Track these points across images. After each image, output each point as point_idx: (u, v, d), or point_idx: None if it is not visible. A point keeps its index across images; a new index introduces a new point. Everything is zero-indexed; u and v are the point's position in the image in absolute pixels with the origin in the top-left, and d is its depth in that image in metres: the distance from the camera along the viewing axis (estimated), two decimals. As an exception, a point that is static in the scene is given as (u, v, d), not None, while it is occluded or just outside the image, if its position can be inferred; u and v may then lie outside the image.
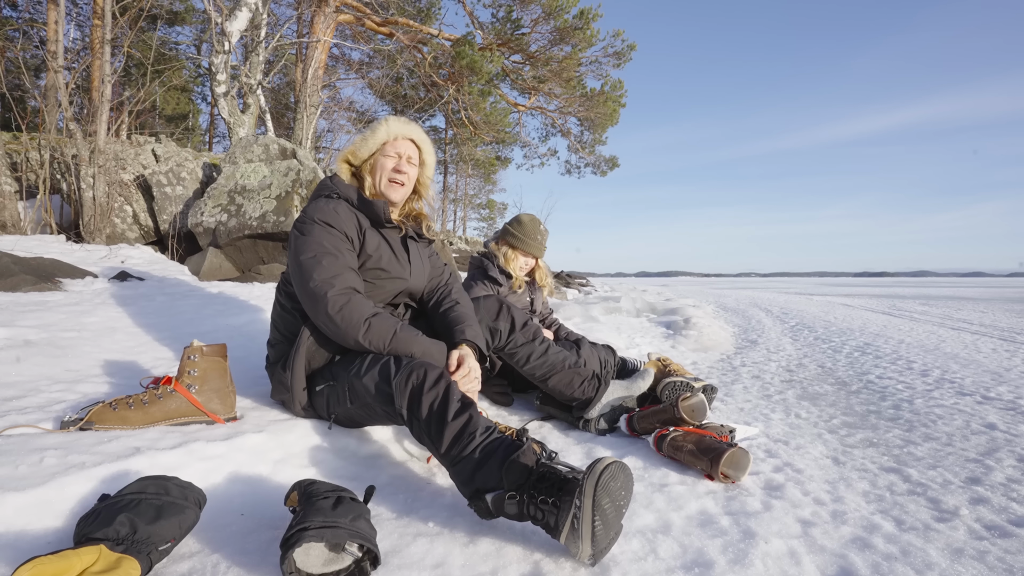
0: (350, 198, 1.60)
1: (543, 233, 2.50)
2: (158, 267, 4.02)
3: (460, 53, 10.77)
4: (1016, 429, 1.95)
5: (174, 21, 15.32)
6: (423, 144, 1.72)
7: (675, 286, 24.13)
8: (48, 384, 1.61)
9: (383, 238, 1.63)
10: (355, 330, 1.41)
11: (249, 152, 5.03)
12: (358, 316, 1.42)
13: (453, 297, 1.77)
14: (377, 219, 1.61)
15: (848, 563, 1.04)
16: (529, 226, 2.47)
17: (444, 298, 1.77)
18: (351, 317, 1.42)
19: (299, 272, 1.48)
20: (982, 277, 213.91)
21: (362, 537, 0.91)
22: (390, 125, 1.66)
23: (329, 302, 1.41)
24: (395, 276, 1.63)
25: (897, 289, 22.42)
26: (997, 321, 6.37)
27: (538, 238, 2.47)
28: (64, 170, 4.71)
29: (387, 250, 1.62)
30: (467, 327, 1.63)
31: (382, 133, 1.65)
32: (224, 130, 14.81)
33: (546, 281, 2.64)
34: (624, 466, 1.02)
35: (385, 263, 1.60)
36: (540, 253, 2.50)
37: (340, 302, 1.42)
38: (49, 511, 0.99)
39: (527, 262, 2.50)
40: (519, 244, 2.46)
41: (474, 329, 1.65)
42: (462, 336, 1.59)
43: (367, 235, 1.58)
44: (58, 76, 4.84)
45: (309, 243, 1.49)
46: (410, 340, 1.45)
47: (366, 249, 1.57)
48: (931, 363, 3.37)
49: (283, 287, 1.64)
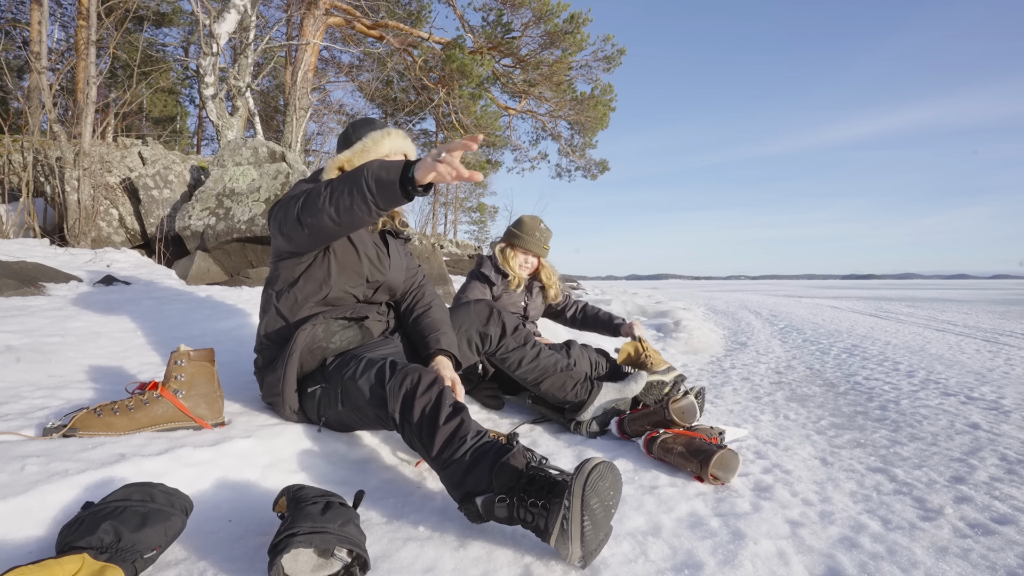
0: None
1: (544, 232, 2.50)
2: (145, 271, 3.97)
3: (450, 56, 10.78)
4: (999, 428, 1.98)
5: (161, 22, 15.17)
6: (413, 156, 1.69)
7: (665, 289, 24.27)
8: (30, 390, 1.58)
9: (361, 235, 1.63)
10: (319, 201, 1.32)
11: (238, 155, 4.99)
12: (317, 192, 1.34)
13: (426, 301, 1.77)
14: None
15: (836, 563, 1.05)
16: (528, 224, 2.49)
17: (417, 302, 1.77)
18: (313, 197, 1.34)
19: (280, 202, 1.47)
20: (966, 279, 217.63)
21: (351, 542, 0.90)
22: (394, 140, 1.62)
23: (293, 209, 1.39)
24: (376, 269, 1.63)
25: (884, 291, 22.75)
26: (980, 322, 6.48)
27: (536, 235, 2.47)
28: (48, 173, 4.64)
29: (369, 238, 1.63)
30: (441, 335, 1.63)
31: (386, 147, 1.61)
32: (212, 133, 14.70)
33: (552, 280, 2.64)
34: (612, 466, 1.03)
35: (364, 257, 1.60)
36: (540, 251, 2.49)
37: (299, 200, 1.38)
38: (30, 520, 0.97)
39: (527, 260, 2.51)
40: (518, 242, 2.48)
41: (448, 336, 1.65)
42: (437, 345, 1.59)
43: None
44: (41, 77, 4.77)
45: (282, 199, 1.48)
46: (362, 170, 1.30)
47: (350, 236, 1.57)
48: (917, 364, 3.42)
49: (269, 290, 1.63)
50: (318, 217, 1.34)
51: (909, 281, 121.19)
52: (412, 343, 1.69)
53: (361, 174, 1.25)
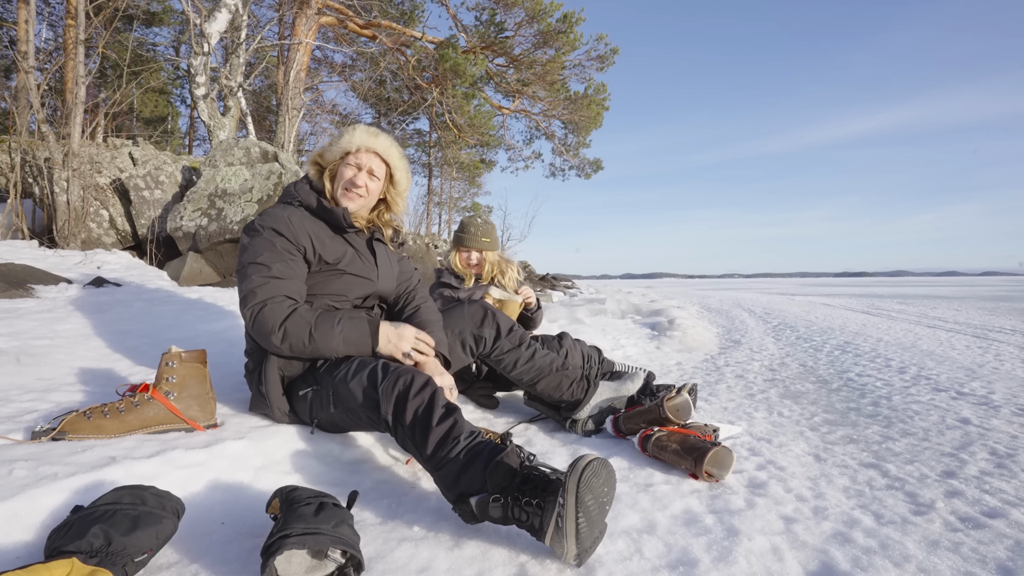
0: (310, 205, 1.58)
1: (480, 226, 2.51)
2: (136, 272, 3.93)
3: (444, 56, 10.75)
4: (988, 423, 2.00)
5: (151, 22, 15.03)
6: (392, 159, 1.66)
7: (660, 287, 24.35)
8: (19, 393, 1.56)
9: (348, 243, 1.62)
10: (271, 337, 1.39)
11: (230, 155, 4.96)
12: (272, 323, 1.39)
13: (416, 303, 1.78)
14: (338, 225, 1.59)
15: (829, 558, 1.05)
16: (465, 222, 2.54)
17: (408, 304, 1.78)
18: (264, 324, 1.40)
19: (238, 280, 1.49)
20: (956, 276, 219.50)
21: (345, 543, 0.90)
22: (355, 135, 1.60)
23: (249, 311, 1.42)
24: (362, 278, 1.62)
25: (876, 289, 22.92)
26: (970, 319, 6.54)
27: (471, 230, 2.49)
28: (36, 173, 4.59)
29: (352, 254, 1.61)
30: (430, 334, 1.63)
31: (345, 142, 1.60)
32: (204, 133, 14.59)
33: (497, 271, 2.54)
34: (606, 463, 1.03)
35: (350, 267, 1.59)
36: (477, 244, 2.49)
37: (254, 311, 1.41)
38: (18, 524, 0.96)
39: (470, 256, 2.52)
40: (457, 242, 2.54)
41: (437, 336, 1.65)
42: None
43: (328, 242, 1.57)
44: (29, 77, 4.71)
45: (248, 252, 1.49)
46: (327, 334, 1.41)
47: (325, 257, 1.55)
48: (908, 360, 3.44)
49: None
50: (270, 349, 1.44)
51: (900, 278, 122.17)
52: None
53: (332, 352, 1.44)
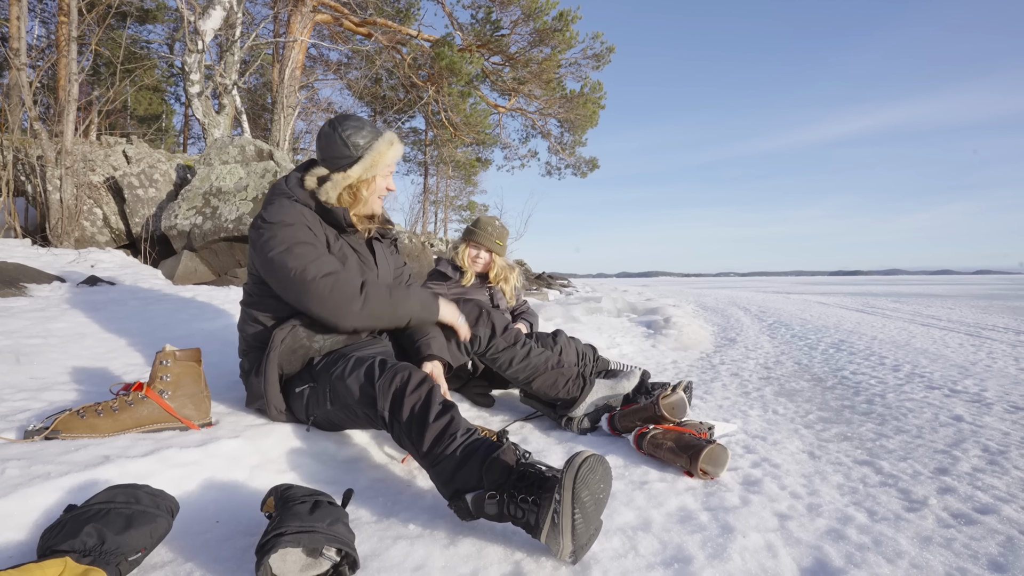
0: (308, 204, 1.57)
1: (497, 229, 2.54)
2: (130, 271, 3.90)
3: (439, 54, 10.73)
4: (981, 421, 2.02)
5: (145, 19, 14.91)
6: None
7: (656, 286, 24.41)
8: (11, 392, 1.55)
9: (347, 243, 1.61)
10: (352, 303, 1.42)
11: (224, 153, 4.93)
12: (351, 289, 1.43)
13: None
14: (338, 224, 1.59)
15: (823, 554, 1.06)
16: (483, 221, 2.56)
17: None
18: (343, 292, 1.42)
19: (274, 269, 1.44)
20: (950, 275, 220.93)
21: (340, 541, 0.90)
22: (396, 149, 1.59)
23: (318, 285, 1.40)
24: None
25: (870, 287, 23.05)
26: (964, 317, 6.58)
27: (488, 230, 2.51)
28: (29, 171, 4.55)
29: (352, 254, 1.61)
30: (432, 339, 1.63)
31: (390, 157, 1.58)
32: (199, 131, 14.49)
33: (501, 277, 2.56)
34: (602, 459, 1.03)
35: (351, 266, 1.59)
36: (491, 245, 2.50)
37: (328, 283, 1.40)
38: (11, 524, 0.96)
39: (478, 254, 2.52)
40: (469, 236, 2.54)
41: (439, 341, 1.66)
42: (428, 350, 1.60)
43: (330, 239, 1.57)
44: (21, 74, 4.67)
45: (277, 239, 1.45)
46: (404, 296, 1.52)
47: (332, 251, 1.55)
48: (902, 358, 3.46)
49: (247, 296, 1.61)
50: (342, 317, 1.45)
51: (895, 277, 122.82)
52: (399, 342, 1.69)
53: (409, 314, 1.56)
